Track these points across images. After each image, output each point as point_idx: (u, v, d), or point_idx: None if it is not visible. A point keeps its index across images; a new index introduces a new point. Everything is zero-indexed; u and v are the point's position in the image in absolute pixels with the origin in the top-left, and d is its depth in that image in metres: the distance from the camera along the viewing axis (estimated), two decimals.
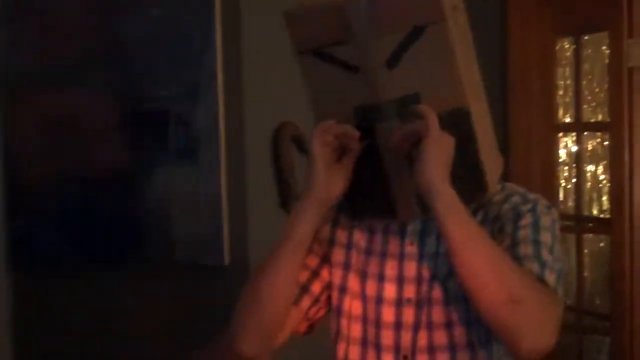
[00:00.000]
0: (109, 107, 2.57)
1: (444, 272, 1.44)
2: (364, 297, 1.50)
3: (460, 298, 1.40)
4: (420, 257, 1.47)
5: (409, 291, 1.46)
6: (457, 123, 1.39)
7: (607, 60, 3.34)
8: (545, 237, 1.41)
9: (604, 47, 3.46)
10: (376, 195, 1.45)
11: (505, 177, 1.60)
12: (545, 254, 1.39)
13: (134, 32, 2.51)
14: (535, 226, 1.42)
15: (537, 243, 1.40)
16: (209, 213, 2.49)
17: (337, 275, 1.54)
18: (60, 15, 2.60)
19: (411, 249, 1.48)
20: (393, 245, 1.50)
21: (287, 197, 2.67)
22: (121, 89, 2.56)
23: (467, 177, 1.41)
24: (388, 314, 1.47)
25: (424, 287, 1.45)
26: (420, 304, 1.45)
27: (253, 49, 2.55)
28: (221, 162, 2.45)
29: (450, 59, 1.37)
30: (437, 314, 1.44)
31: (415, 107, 1.37)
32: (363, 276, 1.51)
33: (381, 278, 1.49)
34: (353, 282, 1.52)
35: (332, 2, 1.39)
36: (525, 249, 1.39)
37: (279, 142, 2.63)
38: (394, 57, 1.37)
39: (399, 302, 1.47)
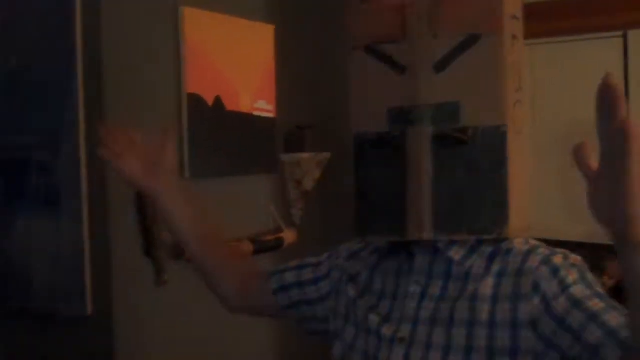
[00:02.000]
0: None
1: (446, 318, 1.37)
2: (368, 330, 1.46)
3: (461, 348, 1.33)
4: (422, 298, 1.41)
5: (404, 330, 1.40)
6: (492, 142, 1.36)
7: None
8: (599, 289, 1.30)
9: None
10: (389, 208, 1.41)
11: None
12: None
13: None
14: (584, 282, 1.30)
15: (600, 297, 1.27)
16: (71, 263, 2.44)
17: (342, 306, 1.55)
18: None
19: (415, 288, 1.43)
20: (402, 286, 1.46)
21: (151, 245, 2.65)
22: None
23: (490, 203, 1.36)
24: (384, 353, 1.42)
25: (421, 329, 1.39)
26: (413, 345, 1.39)
27: (115, 96, 2.54)
28: (83, 210, 2.42)
29: (498, 73, 1.36)
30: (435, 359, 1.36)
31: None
32: (370, 314, 1.47)
33: (386, 318, 1.44)
34: (361, 320, 1.49)
35: (395, 0, 1.40)
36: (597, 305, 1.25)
37: None
38: (443, 61, 1.37)
39: (392, 340, 1.41)
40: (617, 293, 4.11)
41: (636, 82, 5.26)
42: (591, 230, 5.32)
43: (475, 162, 1.36)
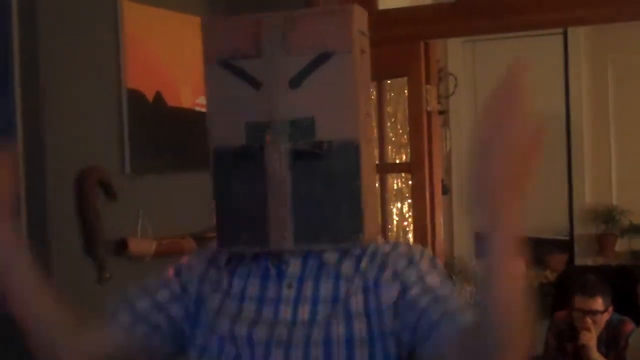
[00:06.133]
0: None
1: (325, 315, 1.42)
2: (233, 339, 1.45)
3: (342, 341, 1.40)
4: (297, 301, 1.45)
5: (281, 335, 1.43)
6: (346, 156, 1.42)
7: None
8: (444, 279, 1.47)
9: (406, 91, 3.61)
10: (251, 220, 1.45)
11: None
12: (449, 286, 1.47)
13: None
14: (434, 268, 1.47)
15: (447, 285, 1.45)
16: None
17: (205, 315, 1.51)
18: None
19: (288, 292, 1.46)
20: (270, 291, 1.48)
21: (92, 241, 2.61)
22: None
23: (346, 213, 1.43)
24: (260, 356, 1.43)
25: (300, 329, 1.42)
26: (292, 346, 1.41)
27: (54, 92, 2.49)
28: (21, 208, 2.36)
29: (351, 88, 1.43)
30: (317, 356, 1.41)
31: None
32: (235, 320, 1.46)
33: (254, 323, 1.45)
34: (223, 324, 1.47)
35: (250, 16, 1.46)
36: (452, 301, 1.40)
37: (84, 186, 2.57)
38: (298, 78, 1.42)
39: (269, 344, 1.42)
40: (559, 285, 4.15)
41: (576, 79, 5.35)
42: (533, 225, 5.40)
43: (331, 175, 1.44)
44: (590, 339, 3.83)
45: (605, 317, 3.89)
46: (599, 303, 3.87)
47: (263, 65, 1.43)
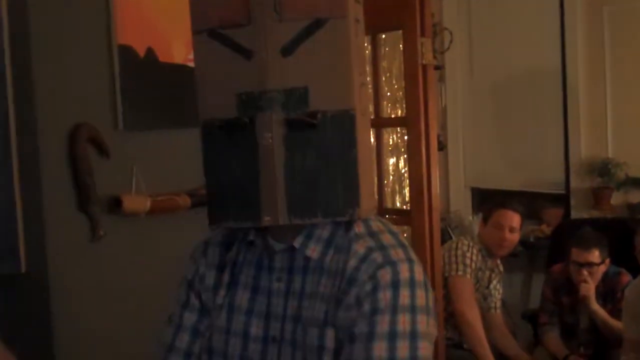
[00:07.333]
0: None
1: (308, 316, 1.41)
2: (228, 332, 1.48)
3: (313, 348, 1.39)
4: (287, 295, 1.45)
5: (275, 329, 1.44)
6: (342, 126, 1.38)
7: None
8: (403, 320, 1.35)
9: (400, 46, 3.58)
10: (242, 194, 1.40)
11: None
12: (400, 352, 1.34)
13: None
14: (393, 310, 1.36)
15: (393, 338, 1.34)
16: (4, 220, 2.38)
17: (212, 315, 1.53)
18: None
19: (278, 285, 1.46)
20: (263, 281, 1.48)
21: (86, 199, 2.60)
22: None
23: (341, 186, 1.38)
24: (254, 352, 1.45)
25: (287, 327, 1.43)
26: (283, 342, 1.43)
27: (44, 48, 2.46)
28: (14, 166, 2.35)
29: (345, 57, 1.38)
30: (297, 357, 1.42)
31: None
32: (230, 310, 1.49)
33: (249, 313, 1.47)
34: (221, 319, 1.50)
35: None
36: (380, 350, 1.33)
37: (75, 143, 2.55)
38: (290, 46, 1.36)
39: (265, 340, 1.44)
40: (555, 239, 4.15)
41: (571, 31, 5.31)
42: (529, 179, 5.40)
43: (326, 146, 1.39)
44: (589, 289, 3.85)
45: (602, 269, 3.91)
46: (595, 255, 3.88)
47: (253, 33, 1.37)
